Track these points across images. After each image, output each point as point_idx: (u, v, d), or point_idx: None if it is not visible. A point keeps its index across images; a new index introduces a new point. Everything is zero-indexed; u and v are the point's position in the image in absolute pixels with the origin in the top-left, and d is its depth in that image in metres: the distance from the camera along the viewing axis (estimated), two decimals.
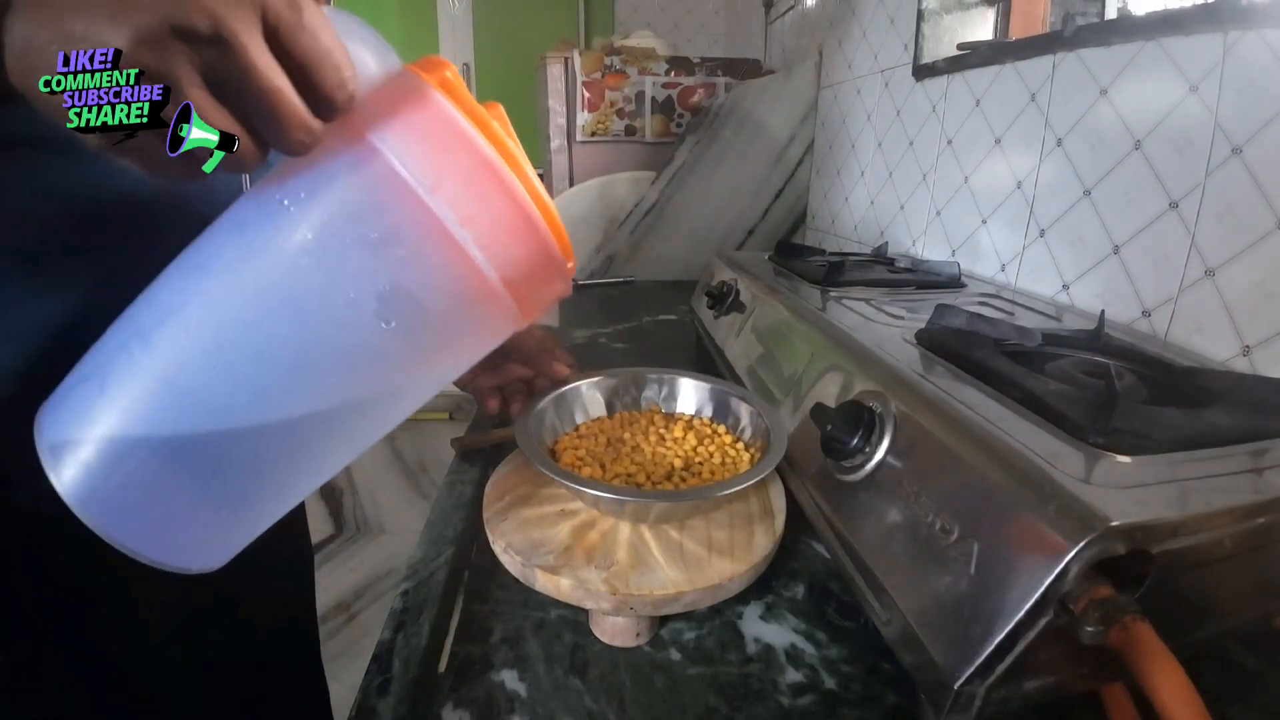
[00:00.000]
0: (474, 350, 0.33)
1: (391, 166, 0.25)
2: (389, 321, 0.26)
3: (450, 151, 0.26)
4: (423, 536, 0.46)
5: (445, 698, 0.33)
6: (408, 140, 0.25)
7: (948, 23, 0.88)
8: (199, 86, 0.22)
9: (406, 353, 0.28)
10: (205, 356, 0.25)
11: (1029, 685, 0.27)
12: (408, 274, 0.26)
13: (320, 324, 0.26)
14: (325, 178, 0.25)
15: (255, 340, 0.25)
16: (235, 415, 0.26)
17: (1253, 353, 0.47)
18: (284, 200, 0.26)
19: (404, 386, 0.30)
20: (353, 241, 0.25)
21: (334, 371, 0.27)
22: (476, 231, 0.26)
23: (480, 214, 0.26)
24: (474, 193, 0.26)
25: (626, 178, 1.40)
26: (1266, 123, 0.46)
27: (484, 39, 2.60)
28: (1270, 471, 0.30)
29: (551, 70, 1.44)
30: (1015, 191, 0.72)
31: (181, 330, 0.25)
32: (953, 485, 0.31)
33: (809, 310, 0.55)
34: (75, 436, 0.25)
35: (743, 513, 0.42)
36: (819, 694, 0.34)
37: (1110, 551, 0.24)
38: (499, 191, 0.26)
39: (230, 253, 0.26)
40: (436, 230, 0.26)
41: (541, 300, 0.31)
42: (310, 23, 0.23)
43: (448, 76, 0.27)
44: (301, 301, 0.26)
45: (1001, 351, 0.41)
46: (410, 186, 0.25)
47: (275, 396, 0.26)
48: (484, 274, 0.27)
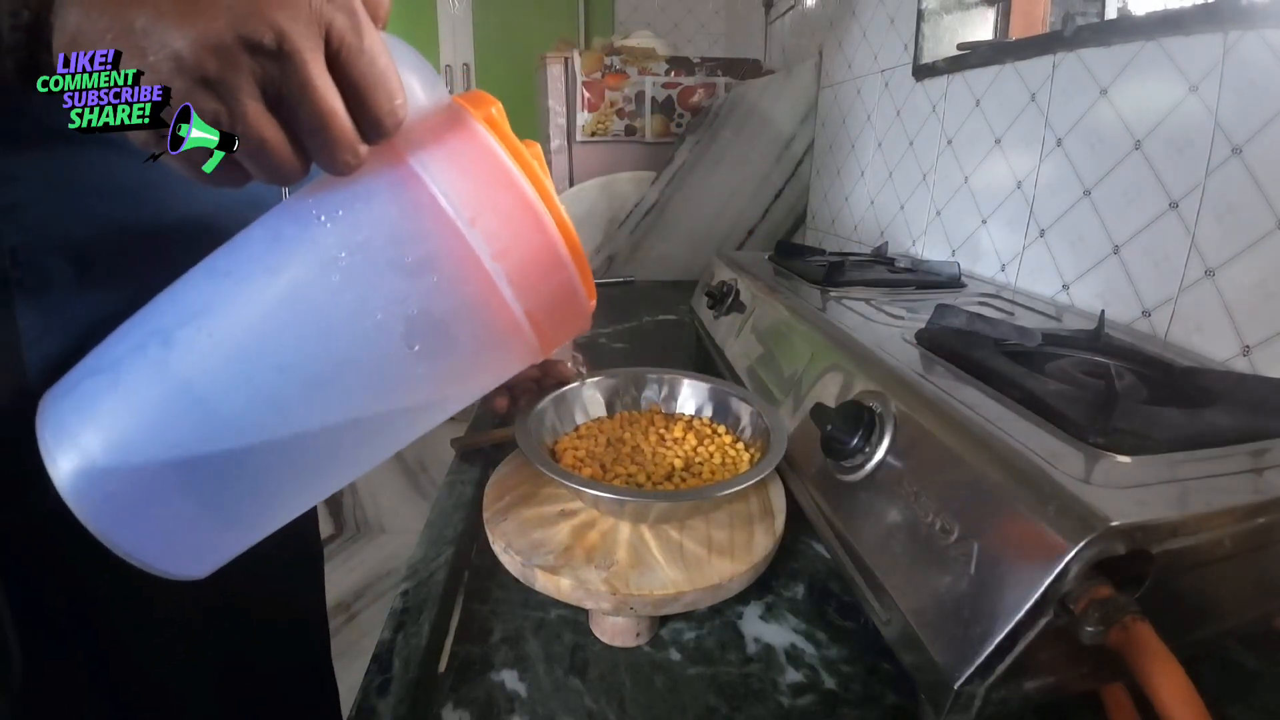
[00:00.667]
0: (491, 378, 0.33)
1: (433, 195, 0.25)
2: (414, 345, 0.27)
3: (491, 186, 0.26)
4: (423, 536, 0.46)
5: (445, 698, 0.33)
6: (451, 171, 0.26)
7: (948, 23, 0.88)
8: (255, 98, 0.22)
9: (427, 377, 0.28)
10: (226, 364, 0.25)
11: (1029, 685, 0.27)
12: (438, 301, 0.26)
13: (346, 342, 0.26)
14: (365, 198, 0.26)
15: (278, 352, 0.25)
16: (249, 426, 0.25)
17: (1253, 353, 0.47)
18: (321, 215, 0.26)
19: (419, 408, 0.30)
20: (387, 264, 0.25)
21: (354, 390, 0.27)
22: (508, 266, 0.27)
23: (513, 249, 0.27)
24: (510, 229, 0.26)
25: (627, 178, 1.40)
26: (1266, 123, 0.46)
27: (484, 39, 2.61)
28: (1270, 471, 0.30)
29: (551, 70, 1.44)
30: (1015, 191, 0.72)
31: (204, 335, 0.25)
32: (953, 485, 0.31)
33: (809, 310, 0.55)
34: (80, 428, 0.25)
35: (743, 513, 0.42)
36: (819, 694, 0.34)
37: (1110, 551, 0.24)
38: (534, 230, 0.27)
39: (261, 262, 0.26)
40: (470, 262, 0.26)
41: (561, 335, 0.31)
42: (370, 47, 0.23)
43: (493, 113, 0.27)
44: (329, 318, 0.26)
45: (1001, 351, 0.41)
46: (449, 216, 0.25)
47: (292, 410, 0.26)
48: (510, 308, 0.27)
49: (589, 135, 1.45)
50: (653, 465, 0.44)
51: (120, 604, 0.41)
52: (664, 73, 1.43)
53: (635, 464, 0.44)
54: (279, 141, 0.23)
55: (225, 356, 0.25)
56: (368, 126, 0.24)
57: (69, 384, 0.27)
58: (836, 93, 1.18)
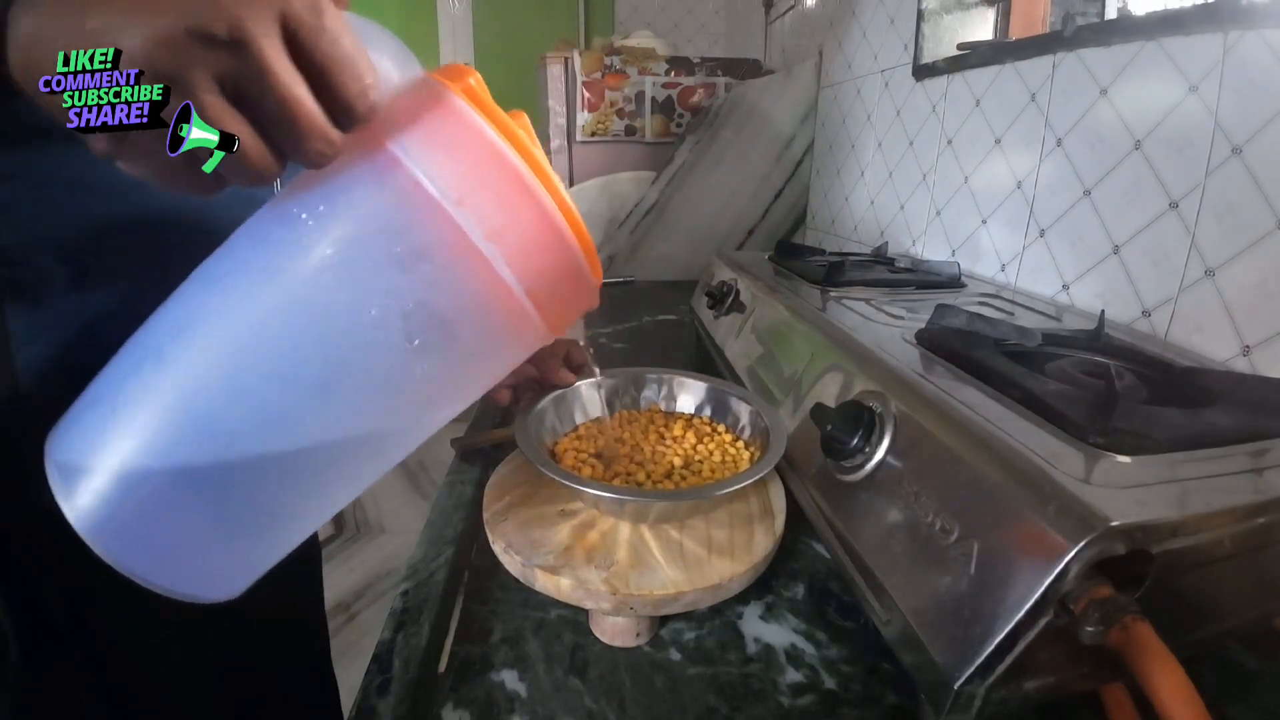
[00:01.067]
0: (499, 366, 0.31)
1: (415, 178, 0.24)
2: (414, 340, 0.25)
3: (476, 162, 0.25)
4: (423, 536, 0.46)
5: (445, 698, 0.33)
6: (432, 151, 0.24)
7: (948, 23, 0.88)
8: (212, 92, 0.21)
9: (432, 371, 0.27)
10: (222, 378, 0.24)
11: (1029, 685, 0.27)
12: (433, 291, 0.25)
13: (342, 343, 0.25)
14: (346, 190, 0.24)
15: (274, 360, 0.24)
16: (253, 439, 0.24)
17: (1253, 353, 0.47)
18: (303, 214, 0.25)
19: (429, 405, 0.29)
20: (375, 257, 0.24)
21: (356, 392, 0.26)
22: (504, 246, 0.25)
23: (508, 228, 0.25)
24: (502, 206, 0.25)
25: (627, 178, 1.40)
26: (1266, 123, 0.46)
27: (484, 39, 2.60)
28: (1270, 471, 0.30)
29: (551, 70, 1.44)
30: (1015, 191, 0.72)
31: (196, 349, 0.24)
32: (953, 485, 0.31)
33: (809, 310, 0.55)
34: (86, 463, 0.24)
35: (743, 513, 0.42)
36: (819, 694, 0.34)
37: (1110, 551, 0.24)
38: (527, 204, 0.25)
39: (247, 268, 0.25)
40: (463, 245, 0.24)
41: (568, 314, 0.30)
42: (331, 27, 0.22)
43: (471, 84, 0.26)
44: (323, 320, 0.24)
45: (1001, 351, 0.41)
46: (435, 199, 0.24)
47: (295, 419, 0.25)
48: (511, 290, 0.26)
49: (589, 135, 1.45)
50: (652, 464, 0.44)
51: (119, 604, 0.41)
52: (664, 73, 1.43)
53: (635, 463, 0.44)
54: (246, 136, 0.22)
55: (219, 370, 0.24)
56: (339, 111, 0.23)
57: (71, 418, 0.26)
58: (836, 93, 1.18)
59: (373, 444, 0.28)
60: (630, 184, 1.38)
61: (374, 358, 0.25)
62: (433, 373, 0.27)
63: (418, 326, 0.25)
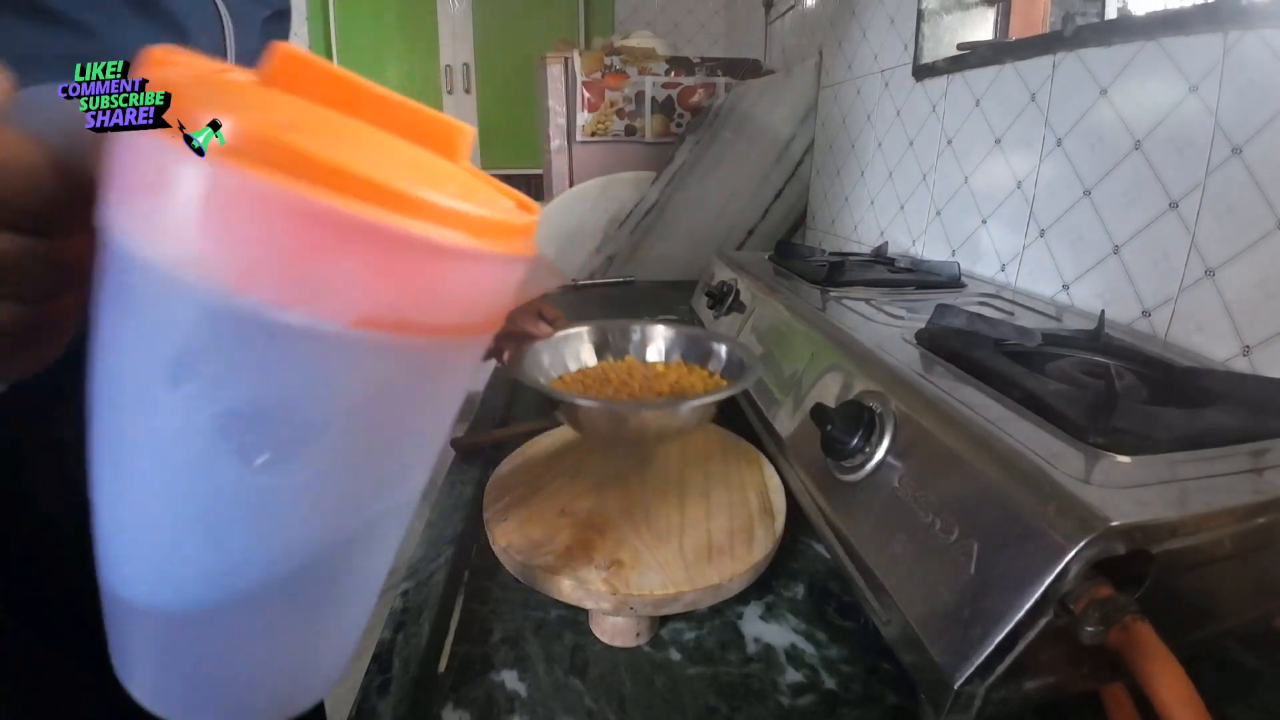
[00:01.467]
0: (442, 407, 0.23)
1: (129, 252, 0.16)
2: (258, 456, 0.18)
3: (191, 194, 0.15)
4: (423, 536, 0.46)
5: (445, 698, 0.33)
6: (134, 207, 0.16)
7: (948, 23, 0.88)
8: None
9: (320, 476, 0.19)
10: (147, 559, 0.21)
11: (1029, 685, 0.27)
12: (240, 385, 0.17)
13: (199, 488, 0.19)
14: (96, 306, 0.18)
15: (158, 528, 0.20)
16: (208, 605, 0.20)
17: (1253, 353, 0.47)
18: (95, 350, 0.19)
19: (371, 497, 0.22)
20: (153, 378, 0.17)
21: (274, 531, 0.20)
22: (298, 289, 0.16)
23: (285, 260, 0.16)
24: (258, 234, 0.15)
25: (627, 178, 1.39)
26: (1266, 123, 0.46)
27: (484, 39, 2.60)
28: (1270, 471, 0.30)
29: (551, 70, 1.44)
30: (1015, 191, 0.72)
31: (126, 541, 0.21)
32: (953, 485, 0.31)
33: (809, 310, 0.55)
34: (129, 670, 0.24)
35: (743, 513, 0.42)
36: (819, 694, 0.34)
37: (1110, 551, 0.24)
38: (289, 213, 0.15)
39: (100, 435, 0.20)
40: (231, 311, 0.16)
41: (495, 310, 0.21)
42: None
43: (171, 69, 0.18)
44: (166, 471, 0.19)
45: (1001, 351, 0.41)
46: (158, 267, 0.16)
47: (248, 569, 0.20)
48: (351, 334, 0.17)
49: (589, 135, 1.45)
50: (643, 395, 0.46)
51: None
52: (664, 73, 1.43)
53: (627, 394, 0.46)
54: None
55: (142, 551, 0.21)
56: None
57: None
58: (836, 93, 1.18)
59: (356, 551, 0.23)
60: (630, 184, 1.38)
61: (239, 494, 0.19)
62: (326, 476, 0.20)
63: (255, 439, 0.18)
